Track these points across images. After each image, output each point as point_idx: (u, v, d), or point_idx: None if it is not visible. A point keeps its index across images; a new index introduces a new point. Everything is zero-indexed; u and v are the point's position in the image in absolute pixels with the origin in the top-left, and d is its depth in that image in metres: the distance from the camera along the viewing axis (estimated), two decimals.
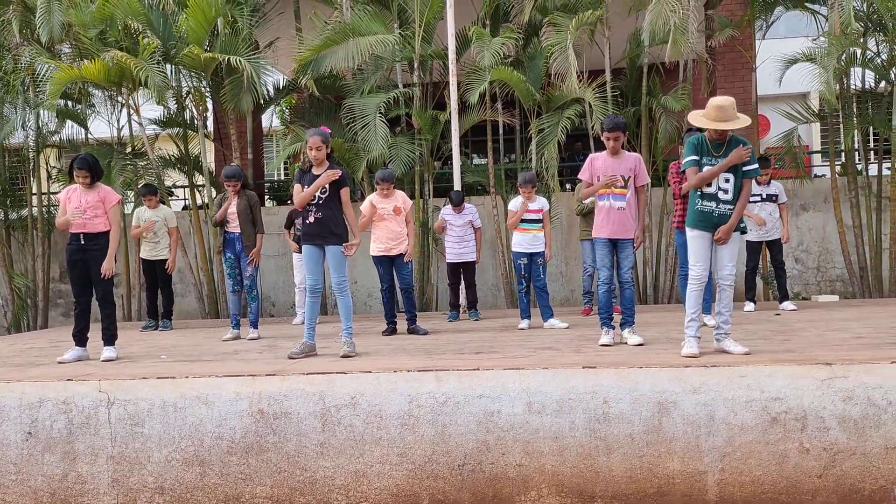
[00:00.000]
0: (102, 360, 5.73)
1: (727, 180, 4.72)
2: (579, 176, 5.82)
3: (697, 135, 4.86)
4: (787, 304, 8.08)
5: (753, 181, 7.89)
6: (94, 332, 6.03)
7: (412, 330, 7.03)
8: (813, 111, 10.37)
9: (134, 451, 4.43)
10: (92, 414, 4.49)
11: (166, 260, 8.49)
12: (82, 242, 5.84)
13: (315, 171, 5.54)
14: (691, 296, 4.87)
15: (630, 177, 5.49)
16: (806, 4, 9.91)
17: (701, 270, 4.82)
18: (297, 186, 5.62)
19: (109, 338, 5.97)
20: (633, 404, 4.18)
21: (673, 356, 4.71)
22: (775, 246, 8.16)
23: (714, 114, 4.63)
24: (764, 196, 8.03)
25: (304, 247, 5.61)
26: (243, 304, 7.63)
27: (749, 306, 8.11)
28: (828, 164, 10.26)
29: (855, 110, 10.21)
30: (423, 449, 4.26)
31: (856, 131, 9.79)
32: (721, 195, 4.74)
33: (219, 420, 4.42)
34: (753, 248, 8.22)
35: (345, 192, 5.57)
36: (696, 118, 4.75)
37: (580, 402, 4.22)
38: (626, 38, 10.08)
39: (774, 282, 8.53)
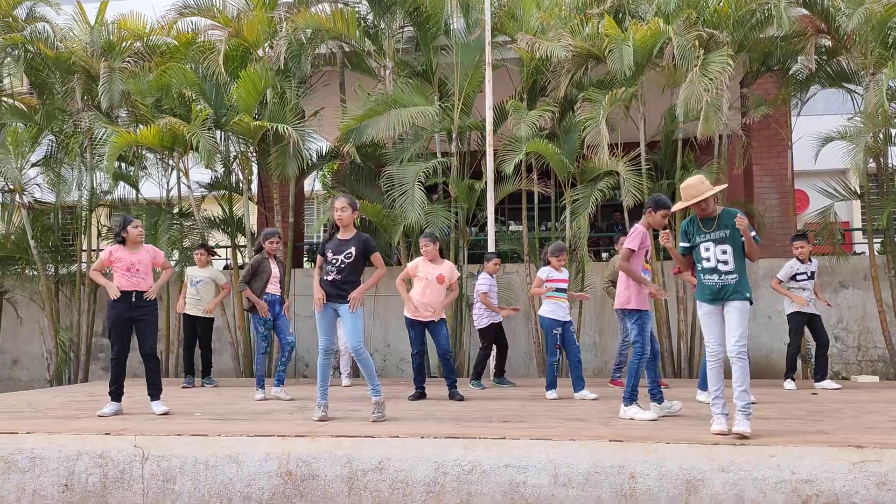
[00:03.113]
0: (160, 414, 5.92)
1: (724, 252, 4.79)
2: (628, 245, 5.48)
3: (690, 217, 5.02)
4: (828, 383, 7.92)
5: (799, 261, 7.80)
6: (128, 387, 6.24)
7: (452, 395, 7.00)
8: (850, 189, 10.34)
9: None
10: (126, 469, 4.61)
11: (208, 318, 8.78)
12: (133, 300, 6.05)
13: (340, 235, 5.63)
14: (711, 372, 4.87)
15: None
16: (843, 84, 10.01)
17: (715, 346, 4.83)
18: (318, 259, 5.70)
19: (157, 392, 6.15)
20: (660, 480, 4.15)
21: (702, 432, 4.68)
22: (819, 323, 8.08)
23: (684, 194, 4.91)
24: (808, 274, 8.03)
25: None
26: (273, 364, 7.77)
27: (789, 384, 7.97)
28: (867, 241, 10.15)
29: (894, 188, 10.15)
30: None
31: (893, 209, 9.70)
32: (721, 266, 4.79)
33: (248, 480, 4.49)
34: (797, 325, 8.10)
35: (375, 258, 5.65)
36: (675, 206, 5.12)
37: (607, 476, 4.20)
38: (661, 112, 10.27)
39: (812, 360, 8.39)
